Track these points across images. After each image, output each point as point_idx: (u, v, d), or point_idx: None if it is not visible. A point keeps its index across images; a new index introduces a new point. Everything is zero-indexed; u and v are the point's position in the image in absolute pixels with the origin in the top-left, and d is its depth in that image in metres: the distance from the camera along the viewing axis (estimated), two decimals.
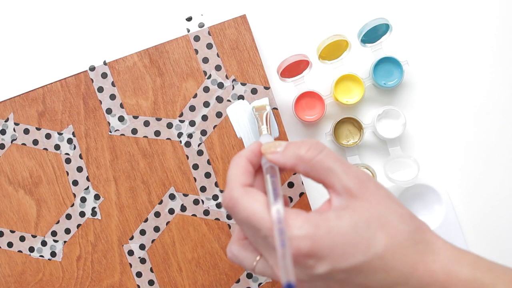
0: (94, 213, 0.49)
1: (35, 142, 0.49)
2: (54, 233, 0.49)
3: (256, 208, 0.32)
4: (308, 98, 0.49)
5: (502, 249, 0.50)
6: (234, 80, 0.48)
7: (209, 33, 0.48)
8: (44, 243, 0.49)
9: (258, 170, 0.36)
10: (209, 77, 0.48)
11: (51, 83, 0.49)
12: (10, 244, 0.49)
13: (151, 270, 0.49)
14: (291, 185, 0.48)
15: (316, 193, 0.51)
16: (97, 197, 0.49)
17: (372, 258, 0.30)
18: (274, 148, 0.35)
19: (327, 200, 0.33)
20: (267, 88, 0.48)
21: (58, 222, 0.49)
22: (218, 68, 0.48)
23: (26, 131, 0.49)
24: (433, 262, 0.30)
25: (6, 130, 0.49)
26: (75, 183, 0.49)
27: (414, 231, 0.31)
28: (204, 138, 0.48)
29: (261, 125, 0.44)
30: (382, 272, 0.30)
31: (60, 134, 0.49)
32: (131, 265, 0.49)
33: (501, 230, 0.50)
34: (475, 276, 0.30)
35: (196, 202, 0.48)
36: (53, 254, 0.49)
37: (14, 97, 0.49)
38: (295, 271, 0.31)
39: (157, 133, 0.49)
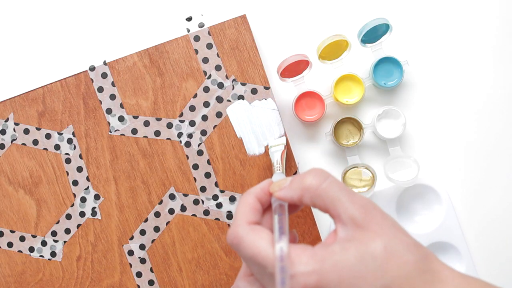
0: (94, 213, 0.49)
1: (35, 142, 0.49)
2: (54, 233, 0.49)
3: (261, 246, 0.31)
4: (308, 98, 0.49)
5: (502, 249, 0.50)
6: (234, 80, 0.48)
7: (209, 33, 0.48)
8: (44, 243, 0.49)
9: (267, 208, 0.36)
10: (209, 77, 0.48)
11: (51, 83, 0.49)
12: (10, 244, 0.49)
13: (151, 270, 0.49)
14: None
15: None
16: (97, 197, 0.49)
17: None
18: (281, 184, 0.35)
19: (333, 231, 0.33)
20: (267, 88, 0.48)
21: (58, 222, 0.49)
22: (218, 68, 0.48)
23: (26, 131, 0.49)
24: None
25: (6, 130, 0.49)
26: (75, 183, 0.49)
27: (420, 260, 0.31)
28: (204, 138, 0.48)
29: (275, 164, 0.44)
30: None
31: (60, 134, 0.49)
32: (131, 265, 0.49)
33: (501, 230, 0.50)
34: None
35: (196, 202, 0.48)
36: (53, 254, 0.49)
37: (14, 97, 0.49)
38: None
39: (157, 133, 0.49)
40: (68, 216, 0.49)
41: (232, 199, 0.48)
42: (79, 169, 0.49)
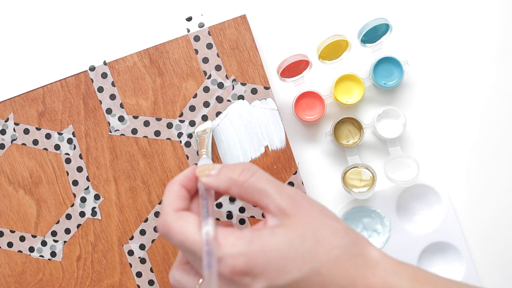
0: (94, 213, 0.49)
1: (35, 142, 0.49)
2: (54, 233, 0.49)
3: (189, 231, 0.32)
4: (308, 98, 0.49)
5: (502, 249, 0.50)
6: (234, 80, 0.48)
7: (209, 33, 0.48)
8: (44, 243, 0.49)
9: (195, 194, 0.36)
10: (209, 77, 0.48)
11: (51, 83, 0.49)
12: (10, 244, 0.49)
13: (151, 270, 0.49)
14: (291, 185, 0.48)
15: (316, 193, 0.51)
16: (97, 197, 0.49)
17: (308, 274, 0.30)
18: (208, 171, 0.35)
19: (262, 221, 0.33)
20: (267, 88, 0.48)
21: (58, 222, 0.49)
22: (218, 68, 0.48)
23: (26, 131, 0.49)
24: (372, 276, 0.30)
25: (6, 130, 0.49)
26: (75, 183, 0.49)
27: (350, 244, 0.31)
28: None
29: (201, 148, 0.44)
30: None
31: (60, 134, 0.49)
32: (131, 265, 0.49)
33: (501, 229, 0.50)
34: None
35: None
36: (53, 254, 0.49)
37: (14, 97, 0.49)
38: None
39: (157, 133, 0.49)
40: (68, 216, 0.49)
41: (232, 199, 0.48)
42: (79, 169, 0.49)
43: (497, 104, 0.51)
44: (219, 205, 0.48)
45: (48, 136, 0.49)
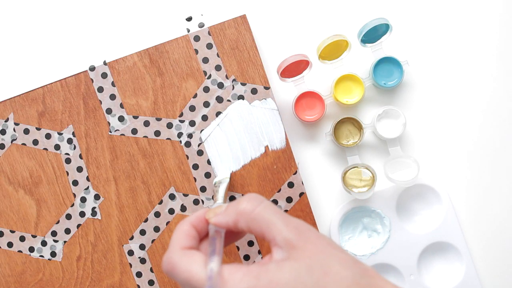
0: (94, 213, 0.49)
1: (35, 142, 0.49)
2: (54, 233, 0.49)
3: (194, 269, 0.31)
4: (308, 98, 0.49)
5: (502, 249, 0.50)
6: (234, 80, 0.48)
7: (209, 33, 0.48)
8: (44, 243, 0.49)
9: (205, 237, 0.36)
10: (209, 77, 0.48)
11: (51, 83, 0.49)
12: (10, 244, 0.49)
13: (151, 270, 0.49)
14: (291, 185, 0.48)
15: (316, 193, 0.51)
16: (97, 197, 0.49)
17: None
18: (217, 211, 0.35)
19: (268, 255, 0.33)
20: (267, 88, 0.48)
21: (58, 222, 0.49)
22: (218, 68, 0.48)
23: (26, 131, 0.49)
24: None
25: (6, 130, 0.49)
26: (75, 183, 0.49)
27: (358, 275, 0.30)
28: (204, 138, 0.48)
29: (216, 194, 0.44)
30: None
31: (60, 134, 0.49)
32: (131, 265, 0.49)
33: (501, 229, 0.50)
34: None
35: (196, 202, 0.48)
36: (53, 254, 0.49)
37: (14, 97, 0.49)
38: None
39: (157, 133, 0.49)
40: (68, 216, 0.49)
41: (232, 200, 0.48)
42: (79, 169, 0.49)
43: (497, 104, 0.51)
44: None
45: (48, 136, 0.49)
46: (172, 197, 0.49)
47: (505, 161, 0.50)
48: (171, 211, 0.49)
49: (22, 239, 0.49)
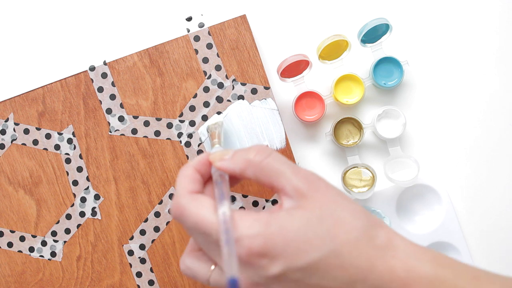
0: (94, 213, 0.49)
1: (35, 142, 0.49)
2: (54, 233, 0.49)
3: (204, 213, 0.31)
4: (308, 98, 0.49)
5: (502, 249, 0.50)
6: (234, 80, 0.48)
7: (209, 33, 0.48)
8: (44, 243, 0.49)
9: (208, 180, 0.35)
10: (209, 77, 0.48)
11: (51, 83, 0.49)
12: (10, 244, 0.49)
13: (151, 270, 0.49)
14: None
15: None
16: (97, 197, 0.49)
17: (327, 255, 0.29)
18: (222, 155, 0.34)
19: (278, 204, 0.32)
20: (267, 88, 0.48)
21: (58, 222, 0.49)
22: (218, 68, 0.48)
23: (26, 131, 0.49)
24: (392, 258, 0.29)
25: (6, 130, 0.49)
26: (75, 183, 0.49)
27: (369, 226, 0.30)
28: (204, 138, 0.48)
29: (213, 139, 0.44)
30: (339, 270, 0.29)
31: (60, 134, 0.49)
32: (131, 265, 0.49)
33: (501, 230, 0.50)
34: (436, 273, 0.29)
35: None
36: (53, 254, 0.49)
37: (14, 97, 0.49)
38: (249, 273, 0.30)
39: (157, 133, 0.49)
40: (68, 216, 0.49)
41: (232, 199, 0.48)
42: (79, 169, 0.49)
43: (497, 104, 0.51)
44: None
45: (48, 136, 0.49)
46: (172, 197, 0.49)
47: (505, 161, 0.50)
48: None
49: (22, 239, 0.49)
